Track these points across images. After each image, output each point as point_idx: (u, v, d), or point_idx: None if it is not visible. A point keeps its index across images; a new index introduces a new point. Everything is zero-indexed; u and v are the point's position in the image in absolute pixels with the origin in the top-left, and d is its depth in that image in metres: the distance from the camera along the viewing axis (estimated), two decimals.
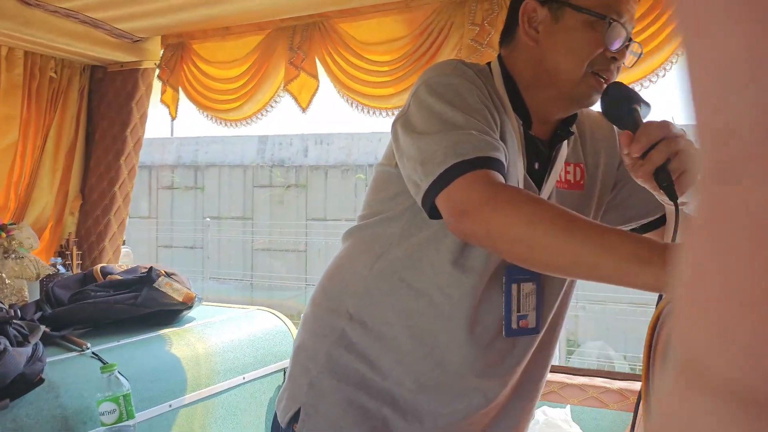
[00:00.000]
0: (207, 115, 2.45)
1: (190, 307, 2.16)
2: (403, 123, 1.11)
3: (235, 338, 2.19)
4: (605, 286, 1.36)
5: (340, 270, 1.25)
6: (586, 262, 0.85)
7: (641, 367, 0.78)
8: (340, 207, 8.89)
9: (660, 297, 0.98)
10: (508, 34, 1.22)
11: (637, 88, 1.87)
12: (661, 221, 1.27)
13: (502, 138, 1.11)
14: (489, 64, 1.23)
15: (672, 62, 1.83)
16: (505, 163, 1.03)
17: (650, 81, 1.86)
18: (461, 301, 1.13)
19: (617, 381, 1.99)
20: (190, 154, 10.29)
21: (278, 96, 2.34)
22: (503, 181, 0.99)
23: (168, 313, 2.12)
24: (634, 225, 1.31)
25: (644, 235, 1.31)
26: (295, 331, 2.34)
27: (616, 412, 1.94)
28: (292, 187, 9.52)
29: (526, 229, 0.90)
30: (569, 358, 5.56)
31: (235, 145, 9.87)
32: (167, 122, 10.91)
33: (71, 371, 1.71)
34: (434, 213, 1.03)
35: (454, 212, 0.98)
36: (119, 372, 1.61)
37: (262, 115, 2.37)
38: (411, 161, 1.05)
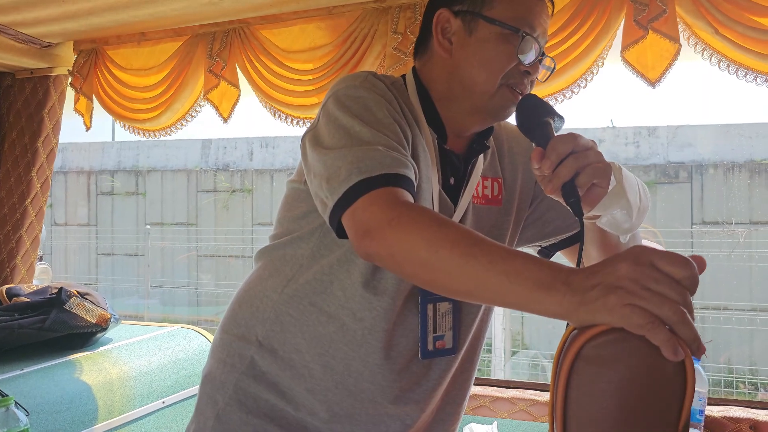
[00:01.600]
0: (123, 125, 2.34)
1: (104, 329, 2.05)
2: (311, 137, 1.05)
3: (155, 360, 2.08)
4: None
5: (249, 294, 1.20)
6: (489, 287, 0.80)
7: None
8: None
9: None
10: (422, 45, 1.19)
11: (554, 101, 1.86)
12: (579, 236, 1.24)
13: (415, 152, 1.07)
14: (404, 76, 1.19)
15: (593, 72, 1.82)
16: (414, 180, 0.98)
17: (572, 92, 1.85)
18: (374, 325, 1.08)
19: (547, 393, 1.97)
20: (131, 159, 10.00)
21: (198, 105, 2.24)
22: (410, 200, 0.94)
23: (80, 337, 2.00)
24: (553, 240, 1.29)
25: (565, 250, 1.29)
26: None
27: (545, 424, 1.92)
28: (237, 191, 9.34)
29: (428, 252, 0.84)
30: (513, 357, 5.57)
31: (178, 149, 9.63)
32: (108, 126, 10.57)
33: None
34: (342, 232, 0.97)
35: (358, 233, 0.92)
36: (17, 404, 1.50)
37: (181, 125, 2.27)
38: (317, 178, 1.00)
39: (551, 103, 1.86)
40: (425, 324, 1.12)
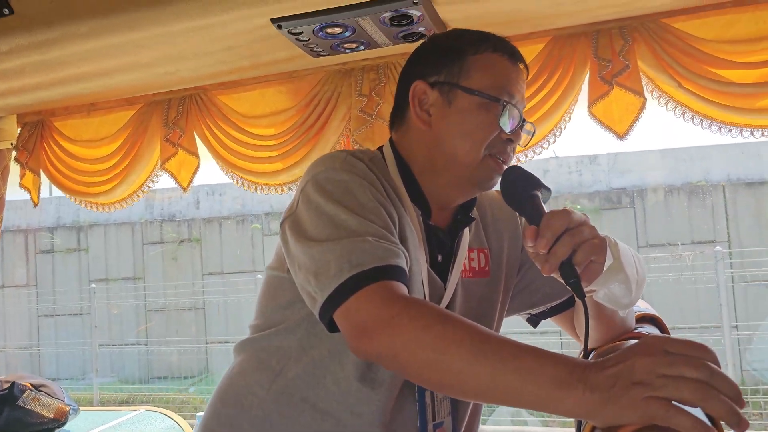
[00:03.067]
0: (76, 200, 2.21)
1: (63, 423, 1.90)
2: (292, 224, 0.99)
3: None
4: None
5: (233, 390, 1.11)
6: (502, 387, 0.76)
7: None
8: (238, 259, 8.59)
9: (580, 423, 0.90)
10: (398, 117, 1.15)
11: (525, 158, 1.85)
12: (569, 303, 1.22)
13: (402, 234, 1.02)
14: (381, 149, 1.15)
15: (561, 128, 1.83)
16: (406, 268, 0.93)
17: (542, 147, 1.85)
18: (373, 419, 1.03)
19: None
20: (71, 214, 9.64)
21: (155, 175, 2.15)
22: (405, 292, 0.89)
23: None
24: (542, 308, 1.26)
25: (555, 317, 1.26)
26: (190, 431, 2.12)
27: None
28: (185, 242, 9.10)
29: (435, 352, 0.80)
30: (485, 419, 5.50)
31: None
32: (45, 182, 10.17)
33: None
34: (334, 327, 0.91)
35: (355, 332, 0.87)
36: None
37: (137, 196, 2.17)
38: (303, 271, 0.94)
39: (521, 159, 1.86)
40: (424, 413, 1.08)
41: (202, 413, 1.97)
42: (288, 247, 1.00)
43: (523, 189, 0.99)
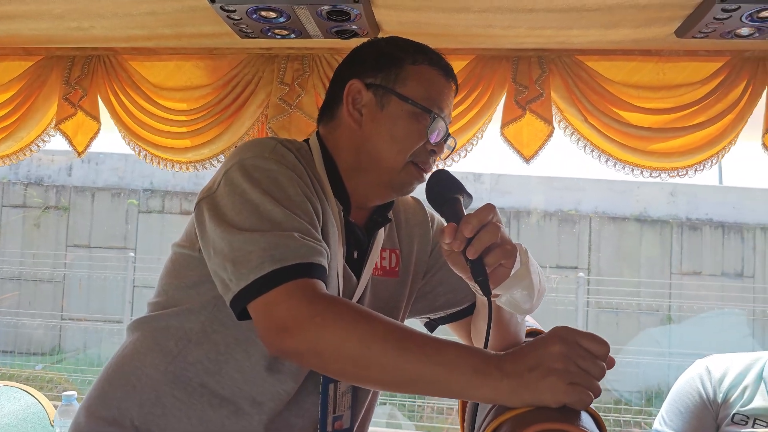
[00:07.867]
0: None
1: None
2: (212, 206, 0.97)
3: None
4: None
5: (123, 371, 1.06)
6: (426, 378, 0.81)
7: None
8: (108, 234, 8.11)
9: (477, 420, 0.95)
10: (329, 112, 1.16)
11: (440, 166, 1.91)
12: (468, 311, 1.27)
13: (324, 228, 1.03)
14: (308, 141, 1.15)
15: (473, 143, 1.90)
16: (327, 267, 0.94)
17: (453, 160, 1.91)
18: (274, 409, 1.02)
19: None
20: None
21: (47, 135, 1.99)
22: (325, 290, 0.90)
23: None
24: (442, 314, 1.31)
25: (452, 324, 1.31)
26: (53, 412, 1.98)
27: None
28: (51, 209, 8.47)
29: (359, 348, 0.83)
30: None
31: None
32: None
33: None
34: (244, 315, 0.90)
35: (274, 328, 0.87)
36: None
37: (24, 154, 2.00)
38: (219, 256, 0.92)
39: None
40: (326, 405, 1.09)
41: (69, 392, 1.86)
42: (204, 228, 0.97)
43: (448, 191, 1.03)
